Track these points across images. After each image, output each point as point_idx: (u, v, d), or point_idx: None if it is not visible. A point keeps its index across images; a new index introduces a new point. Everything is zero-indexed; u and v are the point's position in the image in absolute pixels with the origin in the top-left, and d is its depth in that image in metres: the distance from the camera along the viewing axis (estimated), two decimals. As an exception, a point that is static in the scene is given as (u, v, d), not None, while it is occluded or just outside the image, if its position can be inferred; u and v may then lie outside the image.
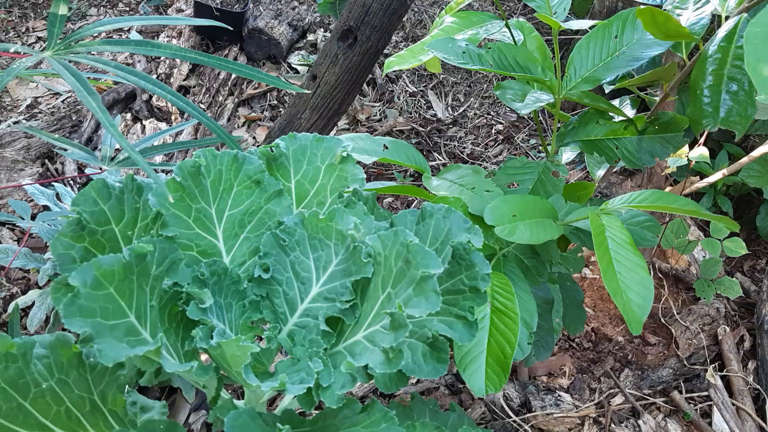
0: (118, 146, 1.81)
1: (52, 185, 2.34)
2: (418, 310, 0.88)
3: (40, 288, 2.07)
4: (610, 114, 1.49)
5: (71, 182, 2.41)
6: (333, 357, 1.00)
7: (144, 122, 2.68)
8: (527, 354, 1.20)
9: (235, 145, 1.04)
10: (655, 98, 1.50)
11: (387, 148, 1.38)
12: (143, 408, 1.16)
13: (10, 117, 2.78)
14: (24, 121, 2.76)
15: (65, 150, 1.50)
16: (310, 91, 2.21)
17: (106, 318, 0.86)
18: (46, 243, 2.27)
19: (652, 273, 2.39)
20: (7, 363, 1.01)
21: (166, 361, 0.82)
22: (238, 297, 1.04)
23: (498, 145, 2.84)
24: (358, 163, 1.21)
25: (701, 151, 1.95)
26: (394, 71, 3.02)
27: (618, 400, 2.08)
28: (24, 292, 2.23)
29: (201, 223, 1.03)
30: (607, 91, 1.51)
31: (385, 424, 0.92)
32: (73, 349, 1.06)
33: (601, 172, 1.64)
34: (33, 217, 2.45)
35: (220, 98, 2.83)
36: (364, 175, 1.12)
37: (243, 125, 2.81)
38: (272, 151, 1.11)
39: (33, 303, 2.05)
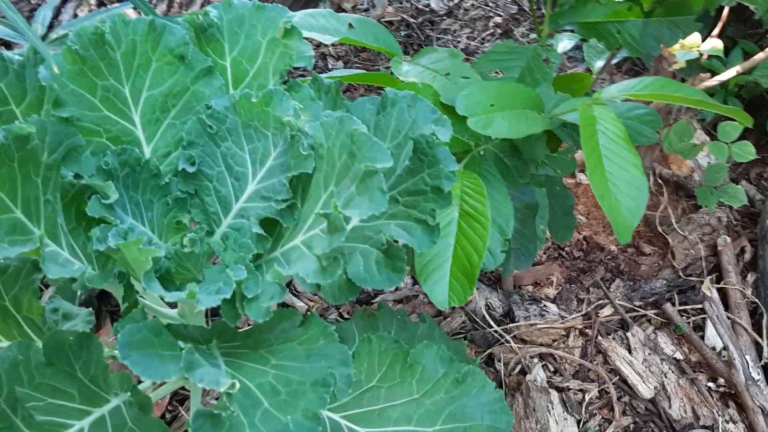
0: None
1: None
2: (358, 211, 0.73)
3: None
4: (614, -7, 1.28)
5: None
6: (268, 264, 0.86)
7: (109, 6, 2.46)
8: (501, 262, 1.06)
9: (150, 10, 0.85)
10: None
11: (352, 27, 1.19)
12: (66, 316, 1.04)
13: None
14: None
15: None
16: (283, -29, 1.98)
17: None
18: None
19: (651, 179, 2.24)
20: None
21: (49, 266, 0.68)
22: (161, 193, 0.89)
23: (496, 39, 2.61)
24: (310, 41, 1.03)
25: (714, 44, 1.75)
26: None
27: (607, 311, 1.98)
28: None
29: (110, 103, 0.86)
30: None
31: (323, 341, 0.79)
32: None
33: (600, 63, 1.45)
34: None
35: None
36: (312, 53, 0.94)
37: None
38: (200, 20, 0.92)
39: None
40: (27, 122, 0.72)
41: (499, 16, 2.69)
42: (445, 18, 2.67)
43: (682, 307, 1.98)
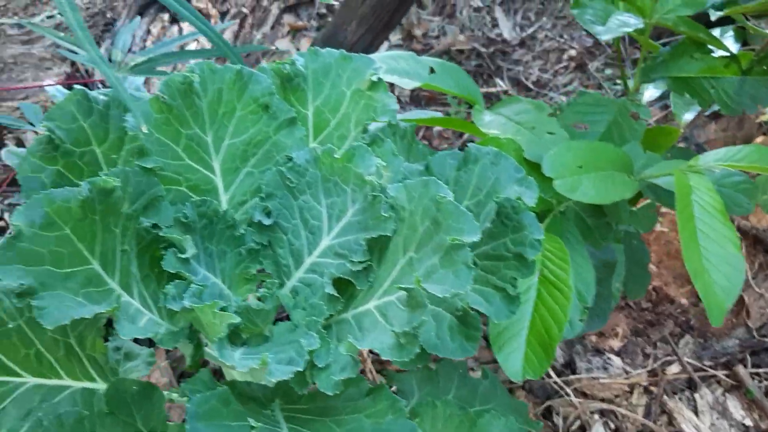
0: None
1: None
2: (442, 288, 0.69)
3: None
4: (709, 47, 1.22)
5: (99, 86, 2.27)
6: (339, 326, 0.82)
7: (182, 24, 2.49)
8: (579, 332, 1.01)
9: (237, 59, 0.84)
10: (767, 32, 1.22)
11: (434, 71, 1.16)
12: (128, 355, 1.02)
13: (44, 11, 2.63)
14: (59, 16, 2.60)
15: (74, 53, 1.33)
16: None
17: (60, 265, 0.70)
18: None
19: (728, 231, 2.12)
20: (-31, 298, 0.88)
21: (123, 324, 0.66)
22: (234, 244, 0.86)
23: (569, 73, 2.55)
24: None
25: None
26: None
27: (674, 369, 1.88)
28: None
29: (193, 152, 0.85)
30: (713, 19, 1.23)
31: (391, 416, 0.76)
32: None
33: (689, 116, 1.38)
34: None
35: (265, 2, 2.60)
36: (397, 107, 0.91)
37: (288, 34, 2.59)
38: (287, 69, 0.90)
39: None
40: (111, 174, 0.71)
41: (574, 48, 2.62)
42: (517, 48, 2.61)
43: (755, 370, 1.87)
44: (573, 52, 2.60)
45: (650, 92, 1.42)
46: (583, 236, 1.05)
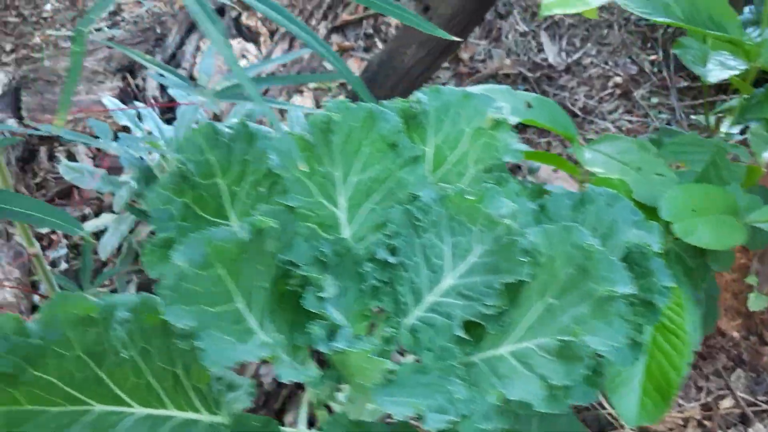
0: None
1: (133, 103, 2.20)
2: (598, 340, 0.69)
3: (114, 213, 1.96)
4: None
5: (152, 101, 2.27)
6: (468, 369, 0.82)
7: (232, 41, 2.49)
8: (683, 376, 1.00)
9: (367, 95, 0.83)
10: None
11: (530, 106, 1.16)
12: (230, 386, 1.02)
13: (92, 24, 2.63)
14: (106, 29, 2.61)
15: (162, 76, 1.33)
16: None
17: (212, 304, 0.70)
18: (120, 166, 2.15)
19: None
20: (86, 328, 0.88)
21: (283, 368, 0.66)
22: (357, 280, 0.86)
23: (614, 100, 2.55)
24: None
25: None
26: (503, 4, 2.74)
27: (727, 403, 1.87)
28: (96, 215, 2.12)
29: (324, 189, 0.85)
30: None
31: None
32: (160, 316, 0.92)
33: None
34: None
35: (313, 22, 2.61)
36: (520, 146, 0.90)
37: (300, 49, 2.59)
38: (414, 107, 0.90)
39: (106, 228, 1.95)
40: (263, 214, 0.71)
41: (619, 75, 2.62)
42: (563, 74, 2.62)
43: (810, 406, 1.86)
44: (618, 79, 2.61)
45: (725, 127, 1.42)
46: (685, 277, 1.05)
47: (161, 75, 1.33)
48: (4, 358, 0.81)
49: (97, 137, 1.62)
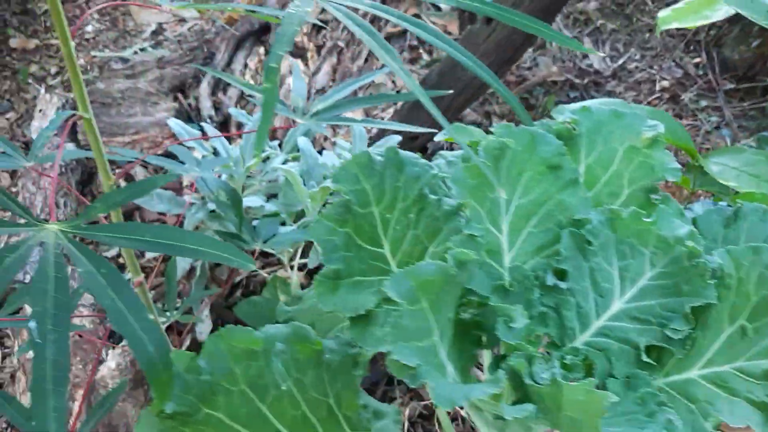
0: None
1: (199, 125, 2.19)
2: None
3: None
4: None
5: (208, 121, 2.26)
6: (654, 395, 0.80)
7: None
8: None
9: (526, 117, 0.82)
10: None
11: (647, 119, 1.15)
12: (376, 413, 1.00)
13: (135, 43, 2.62)
14: (150, 49, 2.60)
15: (251, 96, 1.31)
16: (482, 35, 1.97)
17: (419, 339, 0.68)
18: (185, 184, 2.14)
19: None
20: (249, 361, 0.87)
21: (507, 409, 0.64)
22: (524, 306, 0.85)
23: (663, 104, 2.54)
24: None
25: None
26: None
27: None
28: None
29: (491, 215, 0.83)
30: None
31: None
32: (314, 346, 0.91)
33: None
34: (166, 154, 2.32)
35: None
36: (678, 165, 0.89)
37: (381, 67, 2.58)
38: (572, 129, 0.89)
39: (176, 251, 1.93)
40: (457, 245, 0.70)
41: (665, 79, 2.62)
42: (609, 80, 2.61)
43: None
44: (665, 83, 2.61)
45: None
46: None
47: (250, 96, 1.31)
48: (180, 397, 0.80)
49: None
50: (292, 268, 1.98)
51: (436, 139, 1.25)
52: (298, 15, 0.77)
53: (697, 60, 2.68)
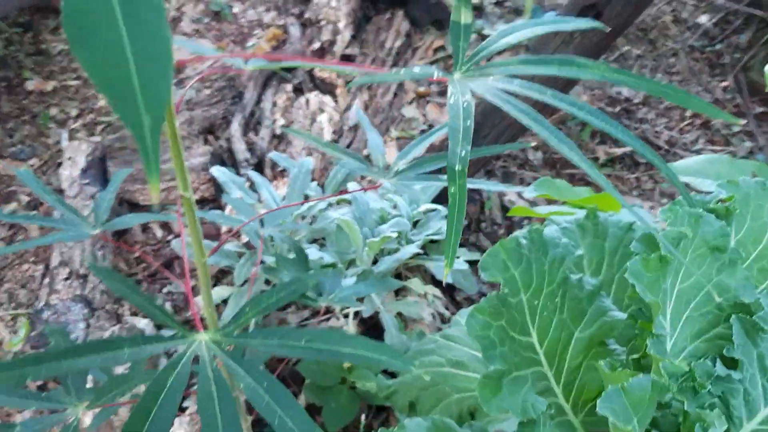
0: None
1: (236, 169, 2.13)
2: None
3: (231, 285, 1.88)
4: None
5: (245, 164, 2.19)
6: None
7: (307, 95, 2.43)
8: None
9: (688, 197, 0.78)
10: None
11: (755, 176, 1.11)
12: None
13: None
14: (174, 88, 2.53)
15: (341, 159, 1.26)
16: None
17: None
18: (223, 230, 2.07)
19: None
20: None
21: None
22: (692, 395, 0.80)
23: (695, 129, 2.53)
24: None
25: None
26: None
27: None
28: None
29: (663, 301, 0.79)
30: None
31: None
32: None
33: None
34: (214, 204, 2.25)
35: (386, 69, 2.56)
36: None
37: (411, 101, 2.54)
38: (724, 205, 0.85)
39: (225, 299, 1.88)
40: (652, 345, 0.65)
41: (694, 105, 2.61)
42: (640, 107, 2.60)
43: None
44: (695, 109, 2.59)
45: None
46: None
47: (342, 160, 1.26)
48: None
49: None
50: (345, 316, 1.92)
51: (527, 195, 1.21)
52: (466, 109, 0.72)
53: (725, 84, 2.67)
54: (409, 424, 0.85)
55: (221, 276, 1.99)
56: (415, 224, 1.91)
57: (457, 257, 1.94)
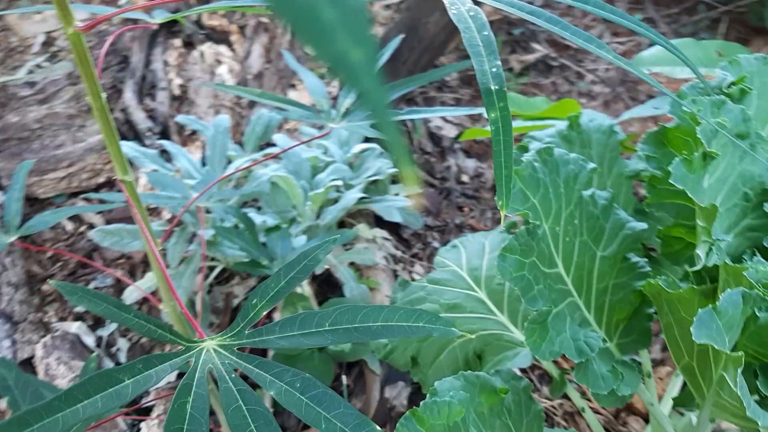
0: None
1: (151, 144, 1.93)
2: None
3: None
4: None
5: (148, 135, 1.98)
6: None
7: (200, 47, 2.21)
8: None
9: (702, 79, 0.71)
10: None
11: (721, 55, 1.07)
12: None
13: (27, 60, 2.25)
14: (47, 63, 2.24)
15: (284, 110, 1.11)
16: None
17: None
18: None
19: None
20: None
21: None
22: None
23: (598, 24, 2.52)
24: None
25: None
26: None
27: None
28: (131, 274, 1.83)
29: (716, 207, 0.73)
30: None
31: None
32: (500, 395, 0.78)
33: None
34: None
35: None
36: None
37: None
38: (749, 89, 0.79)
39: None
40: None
41: None
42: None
43: None
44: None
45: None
46: None
47: (280, 108, 1.11)
48: None
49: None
50: (297, 278, 1.80)
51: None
52: (476, 18, 0.60)
53: None
54: (441, 386, 0.76)
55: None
56: (350, 167, 1.78)
57: (396, 194, 1.85)
